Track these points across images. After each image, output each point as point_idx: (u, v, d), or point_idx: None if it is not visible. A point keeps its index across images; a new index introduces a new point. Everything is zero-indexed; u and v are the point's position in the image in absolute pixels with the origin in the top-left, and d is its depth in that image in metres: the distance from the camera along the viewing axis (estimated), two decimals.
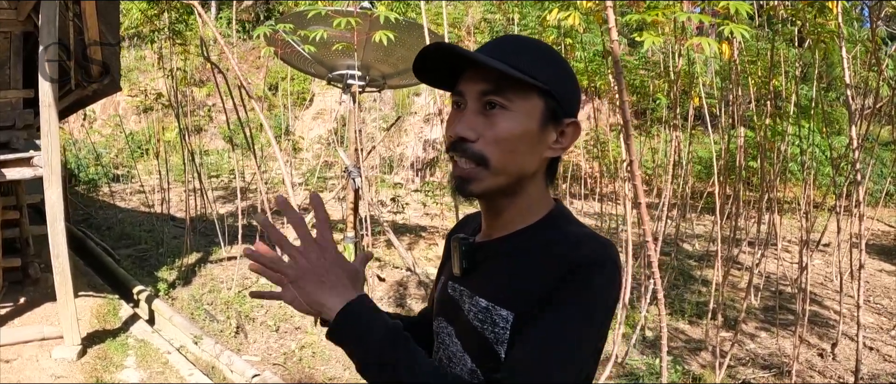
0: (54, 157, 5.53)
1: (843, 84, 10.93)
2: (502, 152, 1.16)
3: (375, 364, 1.07)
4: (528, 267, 1.16)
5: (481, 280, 1.23)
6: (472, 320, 1.19)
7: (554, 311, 1.07)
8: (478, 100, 1.17)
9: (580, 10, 5.52)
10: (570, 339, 1.07)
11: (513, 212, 1.25)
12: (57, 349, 5.73)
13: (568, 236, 1.19)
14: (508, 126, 1.16)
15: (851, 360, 6.29)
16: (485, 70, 1.15)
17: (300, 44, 6.52)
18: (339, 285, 1.12)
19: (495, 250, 1.25)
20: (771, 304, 7.91)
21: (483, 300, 1.19)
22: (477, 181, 1.18)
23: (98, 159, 14.57)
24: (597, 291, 1.10)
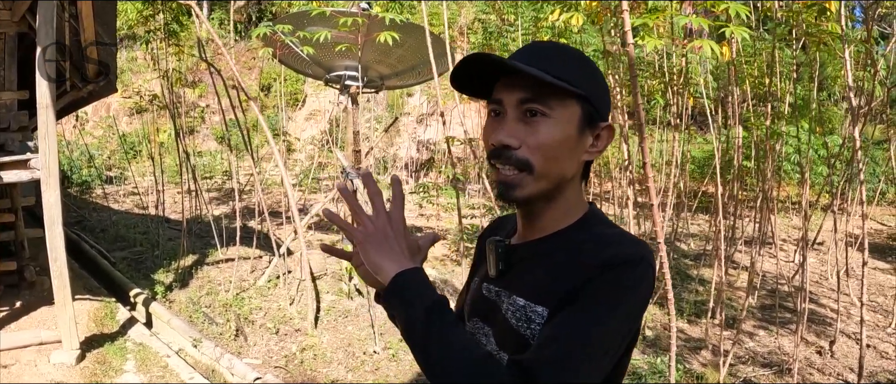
0: (52, 158, 5.47)
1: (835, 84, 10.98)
2: (545, 158, 1.19)
3: (420, 331, 1.11)
4: (563, 266, 1.18)
5: (518, 280, 1.26)
6: (510, 319, 1.22)
7: (582, 304, 1.10)
8: (518, 107, 1.20)
9: (583, 11, 5.53)
10: (596, 331, 1.08)
11: (551, 215, 1.28)
12: (55, 353, 5.66)
13: (602, 236, 1.22)
14: (550, 133, 1.19)
15: (849, 358, 6.35)
16: (524, 78, 1.18)
17: (298, 45, 6.50)
18: (398, 254, 1.18)
19: (532, 251, 1.28)
20: (768, 303, 7.95)
21: (520, 299, 1.21)
22: (521, 187, 1.21)
23: (91, 161, 14.45)
24: (627, 288, 1.12)
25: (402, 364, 5.84)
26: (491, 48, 11.87)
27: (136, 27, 9.61)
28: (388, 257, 1.17)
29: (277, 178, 15.44)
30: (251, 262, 8.26)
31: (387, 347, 6.08)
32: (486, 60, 1.19)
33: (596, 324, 1.08)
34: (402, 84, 8.59)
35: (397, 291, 1.15)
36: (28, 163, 5.65)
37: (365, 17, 5.62)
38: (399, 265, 1.16)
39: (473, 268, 1.53)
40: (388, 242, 1.19)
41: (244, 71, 16.78)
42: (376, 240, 1.18)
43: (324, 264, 8.34)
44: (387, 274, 1.16)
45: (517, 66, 1.15)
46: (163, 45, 8.66)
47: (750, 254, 8.80)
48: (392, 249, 1.18)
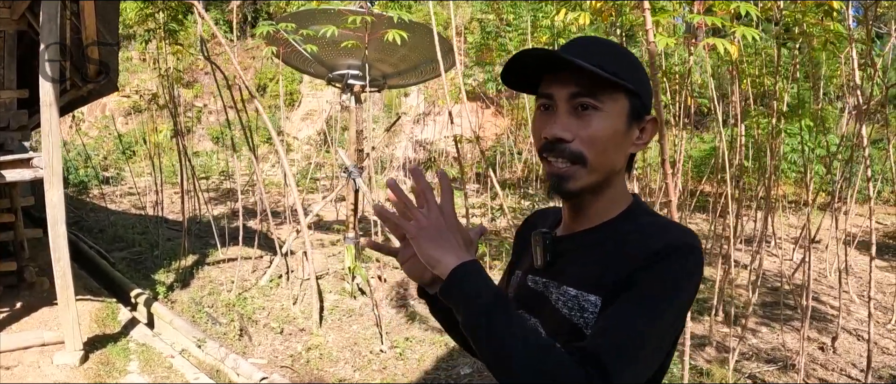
0: (55, 157, 5.42)
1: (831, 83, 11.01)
2: (597, 151, 1.22)
3: (484, 323, 1.11)
4: (613, 255, 1.20)
5: (567, 270, 1.28)
6: (562, 309, 1.24)
7: (638, 293, 1.12)
8: (569, 101, 1.22)
9: (588, 10, 5.55)
10: (650, 320, 1.11)
11: (598, 207, 1.29)
12: (58, 355, 5.61)
13: (651, 226, 1.24)
14: (601, 126, 1.21)
15: (851, 354, 6.39)
16: (575, 72, 1.19)
17: (301, 43, 6.48)
18: (454, 246, 1.18)
19: (580, 242, 1.30)
20: (768, 300, 7.99)
21: (571, 289, 1.23)
22: (574, 179, 1.23)
23: (88, 161, 14.35)
24: (678, 275, 1.14)
25: (410, 362, 5.83)
26: (489, 48, 11.88)
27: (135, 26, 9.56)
28: (444, 250, 1.17)
29: (273, 178, 15.42)
30: (252, 262, 8.22)
31: (393, 346, 6.07)
32: (540, 55, 1.20)
33: (653, 313, 1.11)
34: (405, 83, 8.58)
35: (457, 283, 1.14)
36: (30, 162, 5.61)
37: (373, 15, 5.61)
38: (457, 257, 1.16)
39: (513, 261, 1.55)
40: (443, 235, 1.18)
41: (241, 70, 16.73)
42: (431, 233, 1.18)
43: (325, 264, 8.31)
44: (445, 266, 1.15)
45: (574, 62, 1.16)
46: (162, 45, 8.60)
47: (750, 253, 8.86)
48: (448, 242, 1.18)
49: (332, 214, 12.03)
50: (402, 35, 5.30)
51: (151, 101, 10.17)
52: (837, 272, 7.10)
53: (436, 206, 1.20)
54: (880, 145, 11.32)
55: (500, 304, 1.11)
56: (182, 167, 8.69)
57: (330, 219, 11.61)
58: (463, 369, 5.66)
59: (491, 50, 12.10)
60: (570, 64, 1.17)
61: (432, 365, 5.79)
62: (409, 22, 5.69)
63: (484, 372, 5.57)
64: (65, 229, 5.53)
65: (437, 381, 5.53)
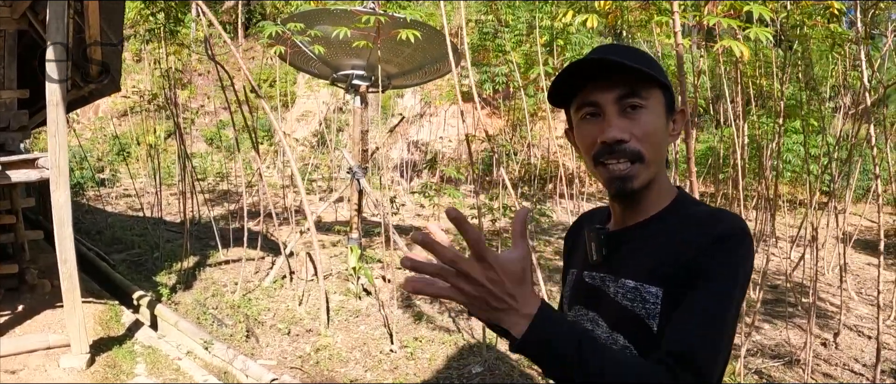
0: (62, 158, 5.35)
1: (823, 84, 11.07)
2: (651, 146, 1.28)
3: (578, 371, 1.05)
4: (671, 245, 1.24)
5: (624, 263, 1.31)
6: (621, 301, 1.27)
7: (706, 283, 1.16)
8: (616, 104, 1.27)
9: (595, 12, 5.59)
10: (725, 307, 1.16)
11: (650, 200, 1.34)
12: (64, 358, 5.54)
13: (703, 213, 1.29)
14: (651, 121, 1.28)
15: (853, 349, 6.46)
16: (616, 77, 1.25)
17: (308, 44, 6.46)
18: (509, 309, 1.05)
19: (634, 235, 1.34)
20: (769, 298, 8.05)
21: (630, 281, 1.27)
22: (637, 177, 1.27)
23: (83, 162, 14.22)
24: (741, 260, 1.19)
25: (420, 362, 5.82)
26: (486, 49, 11.91)
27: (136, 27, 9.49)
28: (502, 316, 1.06)
29: (270, 179, 15.34)
30: (255, 264, 8.18)
31: (403, 346, 6.06)
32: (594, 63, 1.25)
33: (724, 299, 1.15)
34: (409, 83, 8.59)
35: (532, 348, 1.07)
36: (36, 162, 5.54)
37: (386, 16, 5.61)
38: (519, 322, 1.06)
39: (566, 262, 1.60)
40: (493, 301, 1.04)
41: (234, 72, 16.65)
42: (481, 304, 1.05)
43: (328, 264, 8.28)
44: (511, 332, 1.07)
45: (625, 63, 1.22)
46: (160, 45, 8.54)
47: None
48: (502, 308, 1.05)
49: (331, 215, 12.00)
50: (416, 34, 5.29)
51: (151, 101, 10.09)
52: (835, 270, 7.18)
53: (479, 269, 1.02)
54: (877, 144, 11.44)
55: (586, 345, 1.06)
56: (184, 168, 8.62)
57: (329, 221, 11.57)
58: (474, 368, 5.66)
59: (488, 51, 12.13)
60: (621, 66, 1.22)
61: (443, 364, 5.78)
62: (421, 22, 5.69)
63: (495, 369, 5.57)
64: (71, 231, 5.45)
65: (448, 380, 5.52)
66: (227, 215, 11.65)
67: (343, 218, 11.59)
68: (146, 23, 8.41)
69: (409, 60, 7.16)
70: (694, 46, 6.88)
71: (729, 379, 5.45)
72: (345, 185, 8.12)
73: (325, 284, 7.48)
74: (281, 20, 6.69)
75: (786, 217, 12.53)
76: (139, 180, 15.08)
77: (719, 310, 1.15)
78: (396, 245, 7.67)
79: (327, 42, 6.48)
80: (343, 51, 6.74)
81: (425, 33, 6.32)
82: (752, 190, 10.25)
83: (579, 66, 1.26)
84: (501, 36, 10.66)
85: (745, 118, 7.24)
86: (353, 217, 7.55)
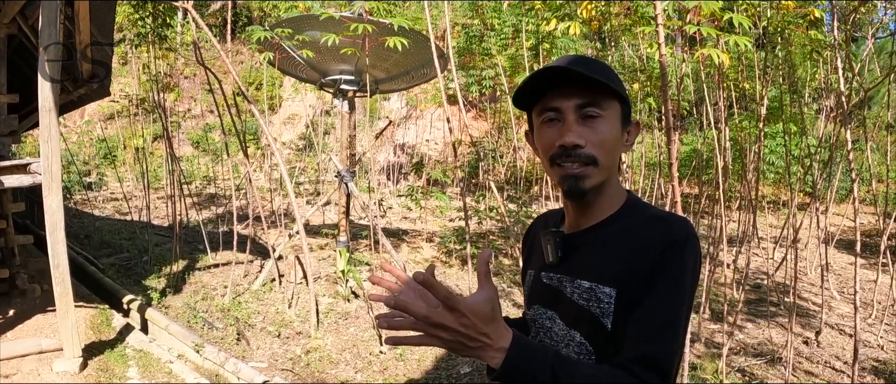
0: (55, 163, 5.37)
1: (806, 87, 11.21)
2: (605, 152, 1.38)
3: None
4: (624, 249, 1.36)
5: (580, 265, 1.42)
6: (577, 300, 1.38)
7: (659, 288, 1.28)
8: (576, 111, 1.37)
9: (578, 19, 5.70)
10: (678, 310, 1.28)
11: (601, 203, 1.45)
12: (57, 362, 5.56)
13: (654, 217, 1.40)
14: (606, 130, 1.38)
15: (834, 347, 6.60)
16: (579, 86, 1.36)
17: (297, 49, 6.51)
18: (484, 346, 1.17)
19: (588, 238, 1.45)
20: (752, 298, 8.19)
21: (585, 282, 1.38)
22: (589, 178, 1.37)
23: (70, 166, 14.17)
24: (690, 264, 1.31)
25: (409, 363, 5.90)
26: (472, 53, 12.00)
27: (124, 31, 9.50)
28: (479, 355, 1.18)
29: (257, 183, 15.34)
30: (244, 267, 8.22)
31: (393, 348, 6.13)
32: (557, 73, 1.36)
33: (677, 302, 1.28)
34: (396, 88, 8.64)
35: (508, 378, 1.18)
36: (28, 167, 5.56)
37: (373, 23, 5.68)
38: (494, 355, 1.18)
39: (525, 262, 1.70)
40: (470, 344, 1.16)
41: (221, 75, 16.66)
42: (458, 346, 1.17)
43: (317, 267, 8.34)
44: (490, 365, 1.19)
45: (588, 75, 1.33)
46: (148, 49, 8.56)
47: (732, 252, 9.07)
48: (476, 346, 1.17)
49: (318, 219, 12.04)
50: (404, 42, 5.38)
51: (140, 105, 10.09)
52: (818, 269, 7.31)
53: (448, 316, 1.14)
54: (858, 145, 11.64)
55: (558, 366, 1.19)
56: (173, 172, 8.64)
57: (316, 224, 11.62)
58: (463, 368, 5.74)
59: (474, 54, 12.21)
60: (581, 77, 1.34)
61: (432, 365, 5.86)
62: (409, 29, 5.77)
63: (483, 370, 5.66)
64: (63, 235, 5.47)
65: (438, 380, 5.60)
66: (215, 219, 11.68)
67: (331, 221, 11.65)
68: (135, 27, 8.43)
69: (397, 65, 7.23)
70: (678, 49, 7.00)
71: (712, 377, 5.56)
72: (333, 189, 8.17)
73: (315, 287, 7.54)
74: (269, 25, 6.74)
75: (768, 218, 12.72)
76: (126, 183, 15.06)
77: (674, 314, 1.27)
78: (384, 247, 7.74)
79: (315, 47, 6.54)
80: (331, 56, 6.79)
81: (412, 39, 6.40)
82: (736, 191, 10.41)
83: (545, 74, 1.37)
84: (487, 40, 10.77)
85: (728, 121, 7.37)
86: (341, 220, 7.61)
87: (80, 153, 16.69)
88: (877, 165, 12.68)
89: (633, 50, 9.84)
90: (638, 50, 9.39)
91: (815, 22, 5.69)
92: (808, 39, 5.92)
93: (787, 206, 10.69)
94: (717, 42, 5.31)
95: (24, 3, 6.19)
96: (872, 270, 9.13)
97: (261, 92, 15.25)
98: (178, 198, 8.97)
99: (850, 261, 9.91)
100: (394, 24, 5.42)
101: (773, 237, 10.87)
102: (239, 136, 7.25)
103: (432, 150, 16.63)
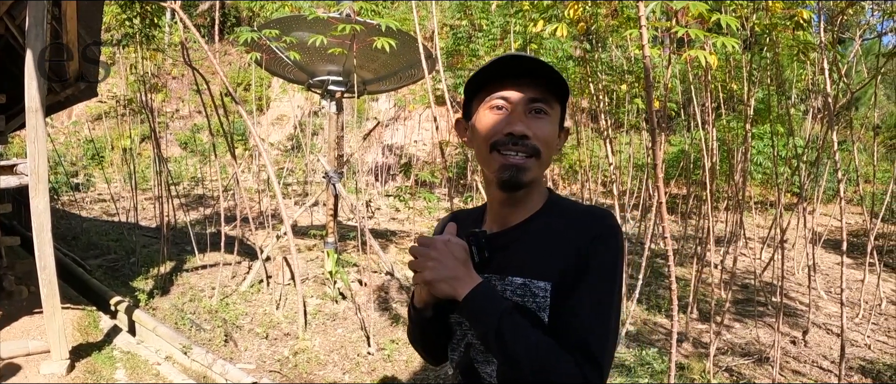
0: (42, 164, 5.34)
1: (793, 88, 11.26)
2: (547, 148, 1.44)
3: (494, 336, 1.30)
4: (554, 243, 1.41)
5: (510, 262, 1.45)
6: (511, 297, 1.41)
7: (590, 279, 1.34)
8: (526, 105, 1.42)
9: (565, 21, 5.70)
10: (609, 299, 1.34)
11: (530, 200, 1.50)
12: (45, 364, 5.53)
13: (580, 211, 1.46)
14: (549, 128, 1.44)
15: (822, 346, 6.65)
16: (534, 82, 1.41)
17: (284, 50, 6.50)
18: (461, 277, 1.37)
19: (516, 235, 1.49)
20: (740, 298, 8.24)
21: (518, 278, 1.42)
22: (529, 171, 1.42)
23: (57, 166, 14.09)
24: (617, 255, 1.37)
25: (397, 364, 5.90)
26: (459, 54, 12.00)
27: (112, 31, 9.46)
28: (454, 285, 1.36)
29: (244, 184, 15.30)
30: (231, 268, 8.20)
31: (381, 348, 6.13)
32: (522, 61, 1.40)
33: (607, 291, 1.34)
34: (384, 88, 8.62)
35: (468, 310, 1.35)
36: (14, 168, 5.53)
37: (361, 23, 5.67)
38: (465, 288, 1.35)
39: None
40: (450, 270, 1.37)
41: (208, 75, 16.61)
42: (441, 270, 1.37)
43: (305, 268, 8.33)
44: (458, 293, 1.35)
45: (554, 71, 1.39)
46: (136, 50, 8.53)
47: (720, 253, 9.12)
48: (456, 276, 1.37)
49: (306, 220, 12.02)
50: (391, 43, 5.38)
51: (128, 105, 10.04)
52: (805, 269, 7.36)
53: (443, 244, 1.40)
54: (845, 146, 11.73)
55: (506, 320, 1.30)
56: (160, 173, 8.61)
57: (304, 225, 11.60)
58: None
59: (462, 55, 12.21)
60: (544, 70, 1.40)
61: (420, 366, 5.87)
62: (396, 30, 5.77)
63: None
64: (50, 237, 5.44)
65: (425, 381, 5.61)
66: (203, 220, 11.64)
67: (319, 222, 11.63)
68: (122, 28, 8.40)
69: (385, 66, 7.23)
70: (666, 50, 7.03)
71: (699, 377, 5.59)
72: (321, 190, 8.16)
73: (302, 288, 7.53)
74: (257, 26, 6.72)
75: (756, 218, 12.79)
76: (114, 184, 14.98)
77: (605, 304, 1.33)
78: (372, 249, 7.73)
79: (303, 48, 6.53)
80: (319, 57, 6.78)
81: (400, 40, 6.40)
82: (723, 192, 10.46)
83: (508, 61, 1.41)
84: (476, 40, 10.77)
85: (715, 122, 7.40)
86: (328, 221, 7.60)
87: (67, 154, 16.62)
88: (864, 166, 12.80)
89: (621, 51, 9.87)
90: (626, 51, 9.43)
91: (801, 24, 5.71)
92: (794, 41, 5.93)
93: (774, 207, 10.74)
94: (704, 43, 5.32)
95: (11, 3, 6.15)
96: (860, 270, 9.21)
97: (249, 92, 15.22)
98: (166, 199, 8.94)
99: (839, 260, 9.98)
100: (382, 24, 5.41)
101: (761, 237, 10.93)
102: (227, 137, 7.23)
103: (420, 150, 16.64)
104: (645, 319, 7.24)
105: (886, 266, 10.19)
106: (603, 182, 13.81)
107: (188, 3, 19.55)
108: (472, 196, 9.20)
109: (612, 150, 6.84)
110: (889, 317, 7.83)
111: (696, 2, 4.17)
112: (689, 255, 9.90)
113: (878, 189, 12.27)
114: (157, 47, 8.84)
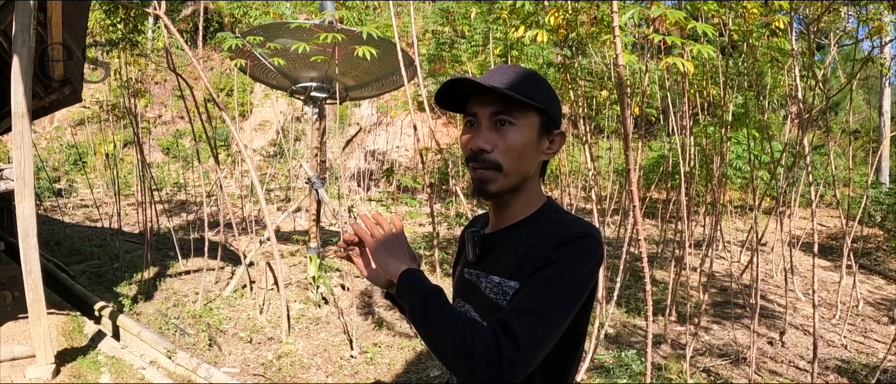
0: (27, 169, 5.35)
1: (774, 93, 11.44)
2: (512, 159, 1.50)
3: (420, 311, 1.41)
4: (528, 248, 1.47)
5: (493, 262, 1.56)
6: (488, 294, 1.52)
7: (541, 273, 1.39)
8: (490, 118, 1.50)
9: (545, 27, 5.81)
10: (556, 291, 1.36)
11: (516, 206, 1.58)
12: (30, 369, 5.54)
13: (560, 221, 1.52)
14: (516, 138, 1.49)
15: (798, 347, 6.78)
16: (495, 94, 1.48)
17: (268, 56, 6.56)
18: (403, 257, 1.55)
19: (502, 237, 1.58)
20: (718, 300, 8.37)
21: (495, 277, 1.52)
22: (493, 182, 1.51)
23: (39, 172, 14.02)
24: (575, 256, 1.40)
25: (380, 367, 5.96)
26: (443, 59, 12.07)
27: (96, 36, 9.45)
28: (395, 259, 1.54)
29: (227, 189, 15.29)
30: (215, 274, 8.23)
31: (363, 352, 6.19)
32: (466, 82, 1.49)
33: (553, 285, 1.37)
34: (367, 95, 8.69)
35: (404, 283, 1.47)
36: (0, 173, 5.55)
37: (343, 32, 5.74)
38: (404, 265, 1.51)
39: (456, 259, 1.88)
40: (395, 248, 1.56)
41: (191, 81, 16.59)
42: (386, 246, 1.55)
43: (288, 274, 8.37)
44: (395, 271, 1.50)
45: (493, 87, 1.45)
46: (120, 54, 8.54)
47: (699, 256, 9.25)
48: (397, 255, 1.55)
49: (289, 225, 12.05)
50: (373, 52, 5.46)
51: (111, 111, 10.03)
52: (783, 272, 7.49)
53: (389, 229, 1.58)
54: (822, 150, 11.91)
55: (433, 296, 1.41)
56: (143, 178, 8.62)
57: (287, 230, 11.63)
58: (433, 372, 5.82)
59: (445, 61, 12.28)
60: (492, 89, 1.46)
61: (402, 368, 5.94)
62: (377, 37, 5.84)
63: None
64: (36, 241, 5.45)
65: (408, 383, 5.68)
66: (186, 225, 11.64)
67: (301, 227, 11.66)
68: (107, 33, 8.41)
69: (367, 73, 7.31)
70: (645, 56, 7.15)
71: (677, 377, 5.70)
72: (303, 195, 8.21)
73: (286, 293, 7.58)
74: (240, 32, 6.77)
75: (736, 222, 12.96)
76: (97, 190, 14.92)
77: (551, 299, 1.35)
78: None
79: (286, 55, 6.59)
80: (302, 63, 6.85)
81: (382, 47, 6.47)
82: (703, 196, 10.60)
83: (461, 84, 1.49)
84: (458, 47, 10.86)
85: (693, 128, 7.53)
86: (311, 227, 7.66)
87: (49, 159, 16.54)
88: (842, 170, 13.00)
89: (601, 57, 9.99)
90: (606, 57, 9.55)
91: (776, 32, 5.85)
92: (770, 47, 6.08)
93: (752, 211, 10.91)
94: (682, 51, 5.44)
95: None
96: (837, 272, 9.37)
97: (232, 98, 15.21)
98: (149, 205, 8.95)
99: (816, 263, 10.15)
100: (363, 32, 5.49)
101: (740, 241, 11.09)
102: (210, 143, 7.27)
103: (403, 156, 16.72)
104: (624, 322, 7.35)
105: (863, 268, 10.39)
106: (584, 187, 13.95)
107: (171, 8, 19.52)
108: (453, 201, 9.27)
109: (591, 155, 6.94)
110: (865, 317, 7.99)
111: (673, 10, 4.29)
112: (668, 259, 10.03)
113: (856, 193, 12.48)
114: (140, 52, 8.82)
